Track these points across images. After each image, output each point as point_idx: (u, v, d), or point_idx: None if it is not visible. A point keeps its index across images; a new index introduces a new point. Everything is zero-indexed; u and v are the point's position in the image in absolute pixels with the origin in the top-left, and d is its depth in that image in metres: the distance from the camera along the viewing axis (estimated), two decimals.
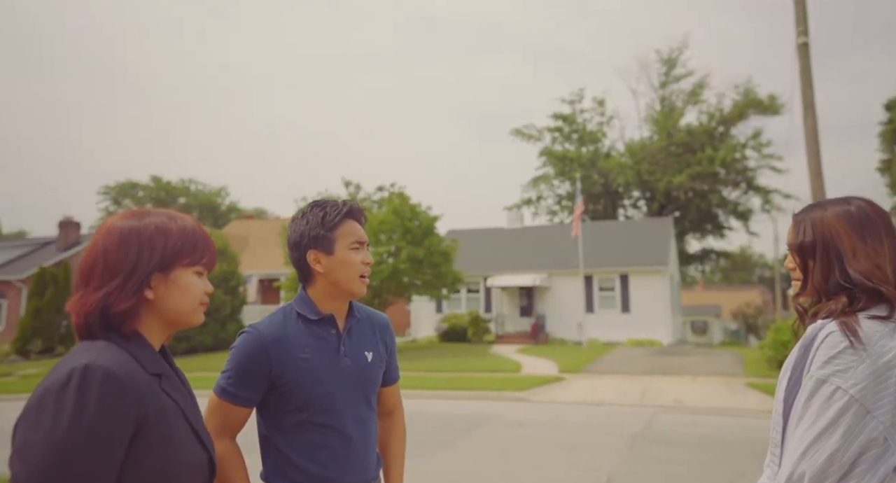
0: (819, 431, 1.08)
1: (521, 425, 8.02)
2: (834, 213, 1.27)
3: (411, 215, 16.77)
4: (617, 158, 35.49)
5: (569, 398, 10.46)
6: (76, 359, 0.98)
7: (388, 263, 16.36)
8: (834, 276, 1.23)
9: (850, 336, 1.12)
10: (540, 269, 22.16)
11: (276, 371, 1.46)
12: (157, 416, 1.02)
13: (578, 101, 37.46)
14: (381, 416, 1.74)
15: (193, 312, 1.15)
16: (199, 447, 1.10)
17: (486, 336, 20.91)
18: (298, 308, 1.55)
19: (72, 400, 0.92)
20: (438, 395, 10.89)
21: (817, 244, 1.26)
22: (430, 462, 6.09)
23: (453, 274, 17.85)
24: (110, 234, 1.10)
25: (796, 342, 1.27)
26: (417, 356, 16.35)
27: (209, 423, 1.47)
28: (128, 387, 0.98)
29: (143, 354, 1.07)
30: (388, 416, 1.76)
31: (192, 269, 1.14)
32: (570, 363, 14.67)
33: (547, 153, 36.84)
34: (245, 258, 26.97)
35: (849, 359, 1.10)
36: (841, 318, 1.15)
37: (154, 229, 1.11)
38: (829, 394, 1.09)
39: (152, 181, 54.74)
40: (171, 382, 1.10)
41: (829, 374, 1.10)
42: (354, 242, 1.55)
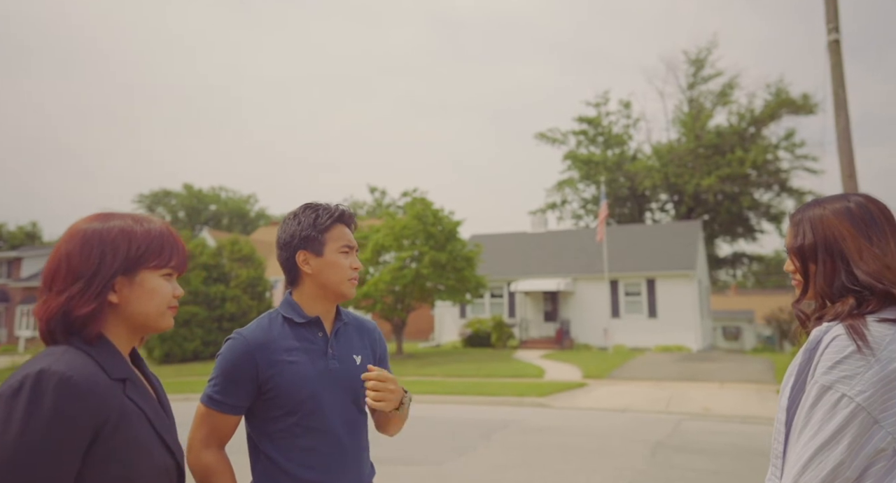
0: (823, 442, 1.01)
1: (541, 431, 7.94)
2: (834, 212, 1.19)
3: (434, 220, 16.78)
4: (643, 161, 34.97)
5: (592, 404, 10.32)
6: (32, 365, 0.96)
7: (411, 268, 16.42)
8: (839, 278, 1.15)
9: (857, 340, 1.04)
10: (564, 273, 21.94)
11: (263, 376, 1.45)
12: (118, 422, 1.00)
13: (604, 104, 37.08)
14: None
15: (161, 316, 1.13)
16: (166, 453, 1.08)
17: (510, 341, 20.78)
18: (284, 312, 1.55)
19: (23, 406, 0.91)
20: (459, 399, 10.86)
21: (818, 246, 1.19)
22: (449, 467, 6.07)
23: (476, 279, 17.80)
24: (73, 238, 1.08)
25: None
26: (440, 361, 16.35)
27: (197, 433, 1.46)
28: (85, 392, 0.96)
29: (106, 359, 1.04)
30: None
31: (159, 272, 1.12)
32: (594, 369, 14.47)
33: (571, 157, 36.53)
34: (272, 264, 27.40)
35: (856, 364, 1.03)
36: (848, 321, 1.08)
37: (118, 232, 1.09)
38: (834, 401, 1.02)
39: (185, 189, 56.16)
40: (136, 388, 1.08)
41: (835, 380, 1.03)
42: (344, 246, 1.56)
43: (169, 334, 17.65)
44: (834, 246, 1.18)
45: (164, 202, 55.96)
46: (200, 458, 1.43)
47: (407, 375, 14.02)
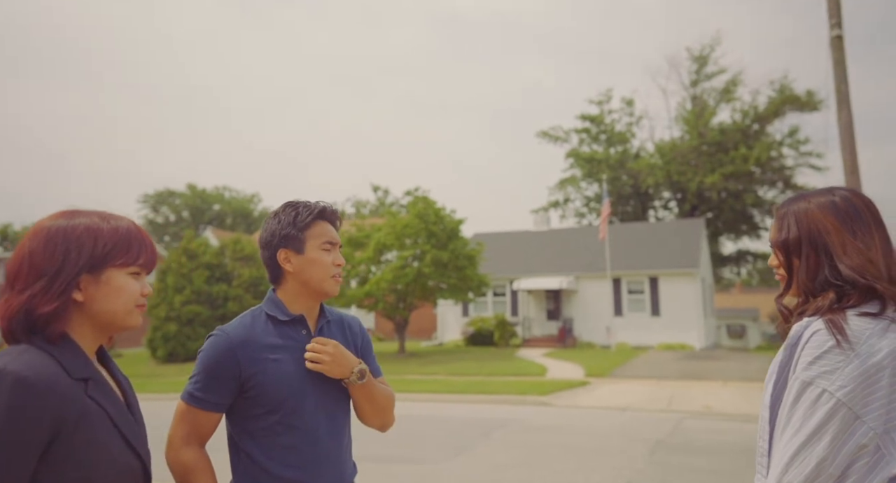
0: (805, 438, 1.01)
1: (541, 430, 7.93)
2: (819, 206, 1.19)
3: (435, 219, 16.77)
4: (646, 159, 34.86)
5: (593, 403, 10.30)
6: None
7: (413, 267, 16.42)
8: (822, 273, 1.14)
9: (836, 334, 1.04)
10: (567, 271, 21.92)
11: (245, 373, 1.43)
12: (77, 422, 0.99)
13: (606, 102, 36.97)
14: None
15: (128, 314, 1.11)
16: (130, 454, 1.07)
17: (513, 340, 20.77)
18: (268, 309, 1.53)
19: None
20: (460, 398, 10.86)
21: (803, 240, 1.18)
22: (448, 466, 6.07)
23: (479, 277, 17.79)
24: (37, 235, 1.06)
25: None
26: (443, 360, 16.36)
27: (177, 430, 1.44)
28: (41, 391, 0.95)
29: (68, 358, 1.03)
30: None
31: (127, 270, 1.10)
32: (596, 367, 14.44)
33: (574, 155, 36.45)
34: None
35: (835, 359, 1.02)
36: (828, 316, 1.07)
37: (83, 229, 1.08)
38: (815, 397, 1.02)
39: (188, 189, 56.32)
40: (99, 388, 1.06)
41: (815, 375, 1.03)
42: (325, 243, 1.54)
43: (173, 334, 17.70)
44: (818, 240, 1.17)
45: (169, 202, 56.14)
46: (180, 456, 1.41)
47: (409, 374, 14.03)
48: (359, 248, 17.21)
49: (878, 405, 1.01)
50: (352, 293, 16.60)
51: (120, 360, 18.53)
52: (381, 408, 1.60)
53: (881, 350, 1.03)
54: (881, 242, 1.16)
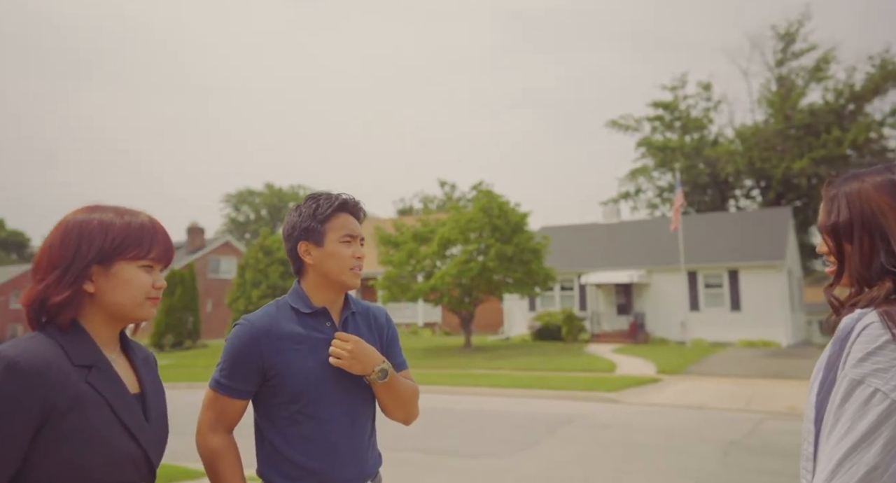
0: (854, 442, 0.91)
1: (607, 427, 7.71)
2: (874, 185, 1.07)
3: (499, 213, 16.65)
4: (725, 146, 32.93)
5: (664, 400, 9.89)
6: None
7: (478, 261, 16.40)
8: (878, 260, 1.03)
9: (892, 328, 0.93)
10: (638, 265, 21.13)
11: (268, 362, 1.46)
12: (70, 407, 1.00)
13: (681, 87, 35.18)
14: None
15: (138, 306, 1.14)
16: (130, 442, 1.08)
17: (582, 335, 20.31)
18: (291, 301, 1.55)
19: None
20: (526, 393, 10.76)
21: (854, 223, 1.06)
22: (509, 461, 6.03)
23: (544, 271, 17.50)
24: (57, 229, 1.11)
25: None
26: (509, 355, 16.26)
27: (205, 417, 1.48)
28: (31, 376, 0.97)
29: (73, 346, 1.06)
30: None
31: (138, 263, 1.13)
32: (669, 364, 13.85)
33: (646, 143, 35.00)
34: None
35: (891, 355, 0.92)
36: (883, 307, 0.96)
37: (97, 224, 1.11)
38: (867, 397, 0.92)
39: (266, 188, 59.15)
40: (103, 375, 1.08)
41: (867, 373, 0.93)
42: (345, 235, 1.54)
43: None
44: (872, 222, 1.05)
45: (249, 201, 59.22)
46: (207, 442, 1.46)
47: (474, 368, 14.06)
48: (424, 242, 17.39)
49: None
50: (417, 287, 16.82)
51: (205, 350, 19.75)
52: (403, 402, 1.59)
53: None
54: None
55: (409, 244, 17.11)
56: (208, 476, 1.46)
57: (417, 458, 6.23)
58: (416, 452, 6.43)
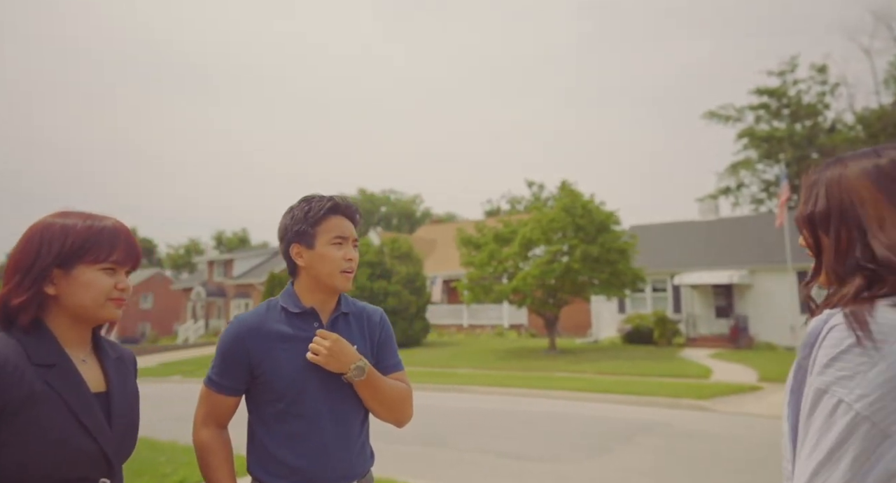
0: (821, 459, 0.82)
1: (692, 436, 7.25)
2: (857, 171, 0.95)
3: (582, 212, 16.16)
4: (844, 133, 29.85)
5: (763, 411, 9.12)
6: None
7: (561, 262, 16.03)
8: (853, 254, 0.92)
9: (857, 330, 0.83)
10: (739, 264, 19.65)
11: (255, 360, 1.49)
12: (21, 404, 1.04)
13: (790, 72, 32.32)
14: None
15: (100, 308, 1.17)
16: (86, 439, 1.10)
17: (676, 338, 19.22)
18: (282, 301, 1.58)
19: None
20: (608, 398, 10.37)
21: (832, 213, 0.96)
22: (576, 466, 5.86)
23: (633, 271, 16.76)
24: (25, 234, 1.17)
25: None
26: (595, 358, 15.75)
27: (198, 412, 1.53)
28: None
29: (34, 345, 1.10)
30: None
31: (97, 266, 1.16)
32: (773, 371, 12.74)
33: (748, 134, 32.52)
34: (433, 260, 28.81)
35: (855, 361, 0.82)
36: (851, 307, 0.86)
37: (58, 228, 1.15)
38: (831, 409, 0.82)
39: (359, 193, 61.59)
40: (62, 374, 1.11)
41: (831, 381, 0.83)
42: (336, 238, 1.55)
43: None
44: (850, 213, 0.93)
45: None
46: (199, 436, 1.53)
47: (557, 371, 13.76)
48: (506, 243, 17.29)
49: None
50: (499, 288, 16.74)
51: None
52: (389, 403, 1.58)
53: None
54: None
55: (490, 245, 17.07)
56: (199, 468, 1.53)
57: (484, 459, 6.21)
58: (485, 454, 6.42)
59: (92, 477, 1.13)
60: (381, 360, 1.65)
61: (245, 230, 60.50)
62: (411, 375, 9.09)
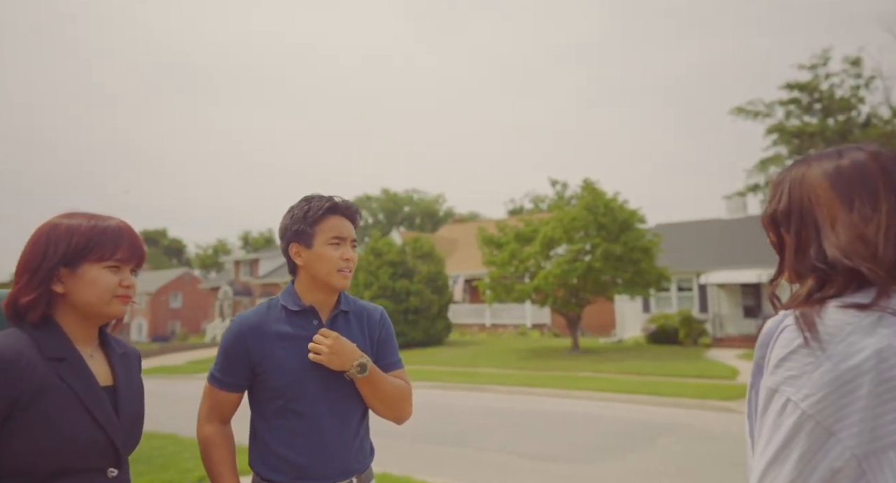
0: (772, 456, 0.84)
1: (715, 439, 7.13)
2: (818, 171, 0.96)
3: (605, 210, 15.98)
4: (880, 127, 28.86)
5: None
6: None
7: (583, 261, 15.88)
8: (809, 254, 0.93)
9: (805, 331, 0.84)
10: (768, 263, 19.16)
11: (255, 358, 1.53)
12: (33, 396, 1.08)
13: (822, 65, 31.36)
14: None
15: (106, 304, 1.21)
16: (96, 430, 1.15)
17: (702, 339, 18.87)
18: (283, 300, 1.60)
19: None
20: (630, 398, 10.25)
21: (793, 212, 0.97)
22: (598, 467, 5.82)
23: (657, 271, 16.50)
24: (33, 235, 1.21)
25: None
26: (618, 358, 15.57)
27: (202, 407, 1.58)
28: (1, 367, 1.06)
29: (46, 340, 1.15)
30: None
31: (102, 264, 1.20)
32: None
33: (778, 129, 31.71)
34: (454, 260, 28.82)
35: (802, 361, 0.83)
36: (801, 308, 0.88)
37: (63, 229, 1.20)
38: (780, 408, 0.84)
39: (383, 193, 61.98)
40: (72, 368, 1.16)
41: (780, 381, 0.85)
42: (334, 238, 1.57)
43: None
44: (808, 213, 0.95)
45: (366, 206, 62.40)
46: (202, 430, 1.58)
47: (579, 371, 13.65)
48: (527, 243, 17.20)
49: (857, 419, 0.79)
50: (521, 288, 16.66)
51: None
52: (389, 400, 1.60)
53: (863, 350, 0.80)
54: (889, 214, 0.88)
55: (511, 244, 17.01)
56: (202, 461, 1.57)
57: (505, 459, 6.21)
58: (505, 454, 6.42)
59: (101, 466, 1.18)
60: (381, 358, 1.67)
61: (271, 230, 61.47)
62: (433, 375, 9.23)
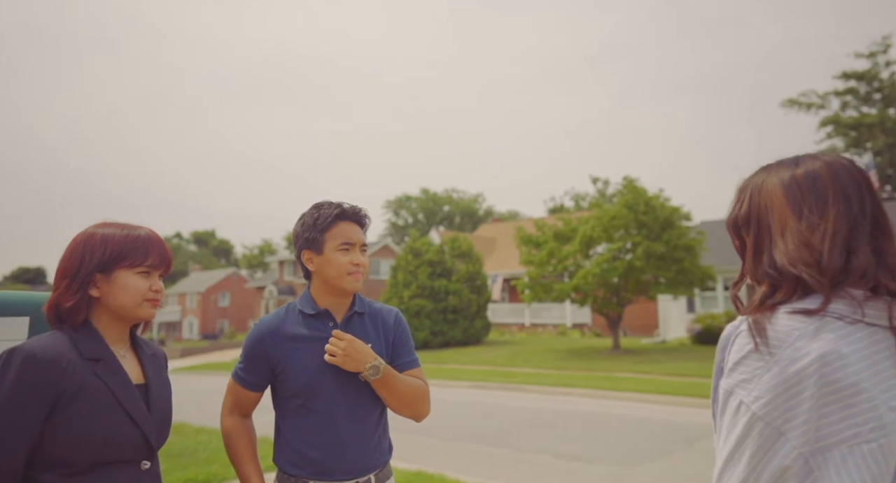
0: (727, 455, 0.89)
1: None
2: (775, 179, 1.00)
3: (645, 208, 15.63)
4: None
5: None
6: (17, 344, 1.18)
7: (624, 260, 15.59)
8: (763, 260, 0.98)
9: (756, 336, 0.89)
10: None
11: (273, 359, 1.61)
12: (74, 394, 1.17)
13: (882, 53, 29.78)
14: None
15: (137, 307, 1.30)
16: (130, 425, 1.23)
17: None
18: (299, 304, 1.68)
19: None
20: (671, 400, 10.04)
21: (751, 218, 1.02)
22: (635, 470, 5.74)
23: (701, 270, 16.03)
24: (70, 244, 1.31)
25: None
26: (661, 359, 15.23)
27: (225, 401, 1.68)
28: (44, 366, 1.14)
29: (84, 342, 1.24)
30: None
31: (134, 270, 1.29)
32: None
33: (833, 121, 30.28)
34: (493, 259, 28.76)
35: (753, 366, 0.88)
36: (754, 314, 0.92)
37: (98, 238, 1.29)
38: (734, 409, 0.89)
39: (422, 193, 62.34)
40: (108, 367, 1.25)
41: (734, 384, 0.90)
42: (343, 244, 1.63)
43: None
44: (763, 220, 0.99)
45: (406, 206, 62.94)
46: (225, 423, 1.68)
47: (619, 372, 13.43)
48: (566, 242, 17.00)
49: (803, 420, 0.83)
50: (560, 287, 16.49)
51: None
52: (406, 400, 1.65)
53: (808, 354, 0.84)
54: (835, 221, 0.91)
55: (549, 243, 16.85)
56: (226, 450, 1.68)
57: (541, 459, 6.20)
58: (541, 454, 6.41)
59: (135, 459, 1.27)
60: (396, 357, 1.73)
61: None
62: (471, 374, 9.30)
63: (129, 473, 1.25)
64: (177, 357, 28.14)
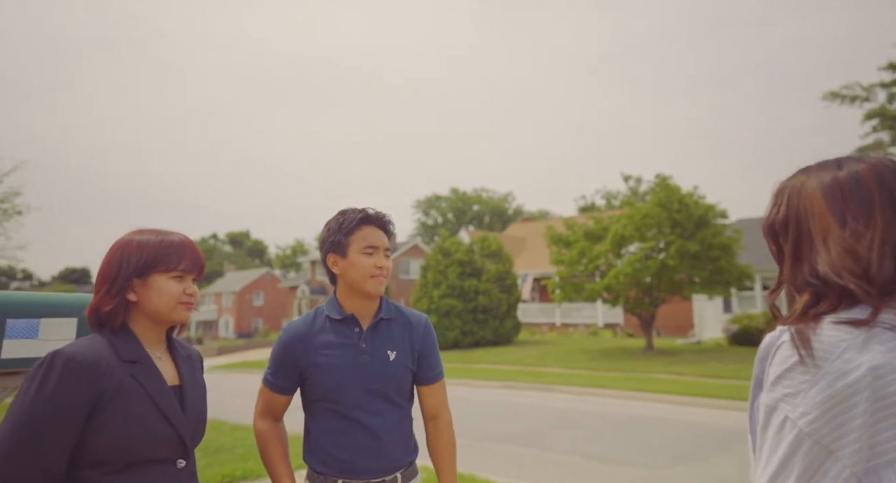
0: (772, 474, 0.84)
1: None
2: (815, 182, 0.94)
3: (679, 207, 15.29)
4: None
5: None
6: (60, 347, 1.23)
7: (656, 259, 15.30)
8: (804, 268, 0.92)
9: (800, 348, 0.84)
10: None
11: (302, 364, 1.65)
12: (112, 395, 1.21)
13: None
14: (426, 421, 1.81)
15: (172, 311, 1.34)
16: (166, 426, 1.27)
17: None
18: (326, 309, 1.71)
19: (39, 377, 1.18)
20: (703, 402, 9.82)
21: (790, 223, 0.96)
22: (666, 473, 5.65)
23: (738, 269, 15.62)
24: (109, 250, 1.35)
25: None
26: (696, 360, 14.91)
27: (257, 404, 1.73)
28: (84, 368, 1.19)
29: (122, 344, 1.28)
30: (431, 420, 1.81)
31: (169, 275, 1.34)
32: None
33: (879, 114, 29.12)
34: (523, 258, 28.61)
35: (799, 379, 0.83)
36: (798, 324, 0.87)
37: (135, 244, 1.34)
38: (779, 425, 0.84)
39: (452, 193, 62.40)
40: (145, 369, 1.29)
41: (778, 398, 0.85)
42: (367, 247, 1.67)
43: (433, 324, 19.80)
44: (804, 225, 0.93)
45: (436, 205, 63.09)
46: (257, 425, 1.73)
47: (653, 372, 13.21)
48: (597, 241, 16.79)
49: (855, 437, 0.78)
50: (591, 287, 16.30)
51: None
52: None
53: (859, 367, 0.79)
54: (884, 230, 0.86)
55: (580, 243, 16.67)
56: (259, 451, 1.74)
57: (570, 460, 6.16)
58: (571, 455, 6.36)
59: (170, 458, 1.31)
60: (423, 369, 1.75)
61: None
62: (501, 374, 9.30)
63: (165, 472, 1.30)
64: (213, 355, 28.89)
